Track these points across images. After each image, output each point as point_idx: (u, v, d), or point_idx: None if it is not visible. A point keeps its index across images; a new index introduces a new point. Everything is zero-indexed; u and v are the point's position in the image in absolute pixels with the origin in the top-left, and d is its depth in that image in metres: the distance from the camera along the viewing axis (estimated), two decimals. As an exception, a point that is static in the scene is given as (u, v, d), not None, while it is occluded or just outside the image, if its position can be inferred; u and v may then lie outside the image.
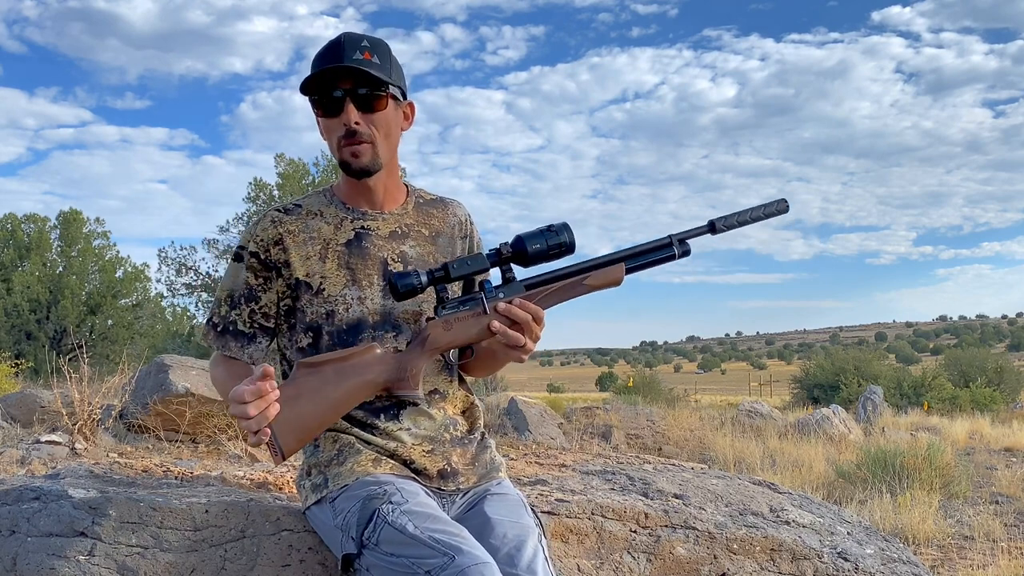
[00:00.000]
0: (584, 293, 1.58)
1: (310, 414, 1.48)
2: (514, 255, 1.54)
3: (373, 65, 1.56)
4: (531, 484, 2.27)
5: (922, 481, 6.00)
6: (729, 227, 1.62)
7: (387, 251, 1.67)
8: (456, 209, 1.79)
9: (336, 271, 1.64)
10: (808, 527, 2.16)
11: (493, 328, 1.52)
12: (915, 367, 28.19)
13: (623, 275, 1.59)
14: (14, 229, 22.91)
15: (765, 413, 12.38)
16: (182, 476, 2.33)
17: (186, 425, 5.17)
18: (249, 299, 1.65)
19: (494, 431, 8.03)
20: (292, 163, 19.47)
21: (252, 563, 1.68)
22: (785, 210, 1.65)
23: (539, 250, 1.53)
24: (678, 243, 1.60)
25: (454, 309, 1.55)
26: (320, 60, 1.58)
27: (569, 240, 1.54)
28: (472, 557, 1.35)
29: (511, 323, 1.52)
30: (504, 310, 1.52)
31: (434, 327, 1.55)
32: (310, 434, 1.51)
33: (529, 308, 1.52)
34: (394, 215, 1.70)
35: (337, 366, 1.52)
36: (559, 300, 1.58)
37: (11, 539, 1.68)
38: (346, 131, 1.58)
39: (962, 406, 16.87)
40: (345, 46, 1.56)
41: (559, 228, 1.54)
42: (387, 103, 1.61)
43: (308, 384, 1.49)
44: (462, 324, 1.54)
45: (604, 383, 40.62)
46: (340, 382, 1.51)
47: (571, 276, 1.58)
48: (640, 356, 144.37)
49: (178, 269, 20.31)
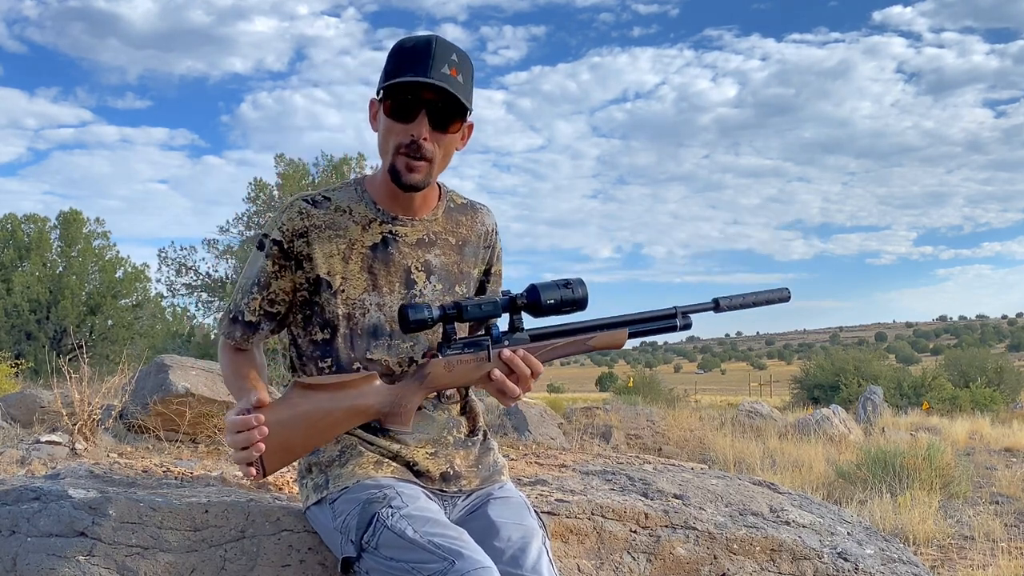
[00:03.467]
0: (585, 352, 1.62)
1: (298, 438, 1.49)
2: (527, 305, 1.54)
3: (458, 86, 1.52)
4: (531, 484, 2.27)
5: (922, 481, 6.00)
6: (732, 307, 1.67)
7: (412, 259, 1.65)
8: (484, 217, 1.77)
9: (358, 274, 1.62)
10: (808, 527, 2.16)
11: (493, 376, 1.53)
12: (915, 367, 28.19)
13: (625, 340, 1.62)
14: (14, 229, 22.91)
15: (765, 413, 12.39)
16: (182, 476, 2.33)
17: (186, 425, 5.17)
18: (262, 287, 1.63)
19: (494, 431, 8.03)
20: (292, 163, 19.47)
21: (252, 563, 1.68)
22: (787, 299, 1.73)
23: (552, 304, 1.53)
24: (681, 315, 1.63)
25: (459, 351, 1.55)
26: (408, 63, 1.52)
27: (583, 297, 1.55)
28: (472, 562, 1.35)
29: (509, 372, 1.53)
30: (508, 359, 1.53)
31: (436, 366, 1.54)
32: (294, 456, 1.52)
33: (531, 362, 1.54)
34: (424, 222, 1.68)
35: (333, 393, 1.52)
36: (560, 356, 1.59)
37: (11, 539, 1.68)
38: (411, 142, 1.55)
39: (962, 406, 16.87)
40: (436, 55, 1.51)
41: (575, 284, 1.54)
42: (460, 127, 1.59)
43: (301, 407, 1.50)
44: (464, 367, 1.54)
45: (604, 383, 40.65)
46: (333, 409, 1.51)
47: (576, 334, 1.59)
48: (640, 356, 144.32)
49: (178, 269, 20.32)
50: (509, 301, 1.54)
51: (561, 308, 1.54)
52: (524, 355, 1.53)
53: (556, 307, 1.54)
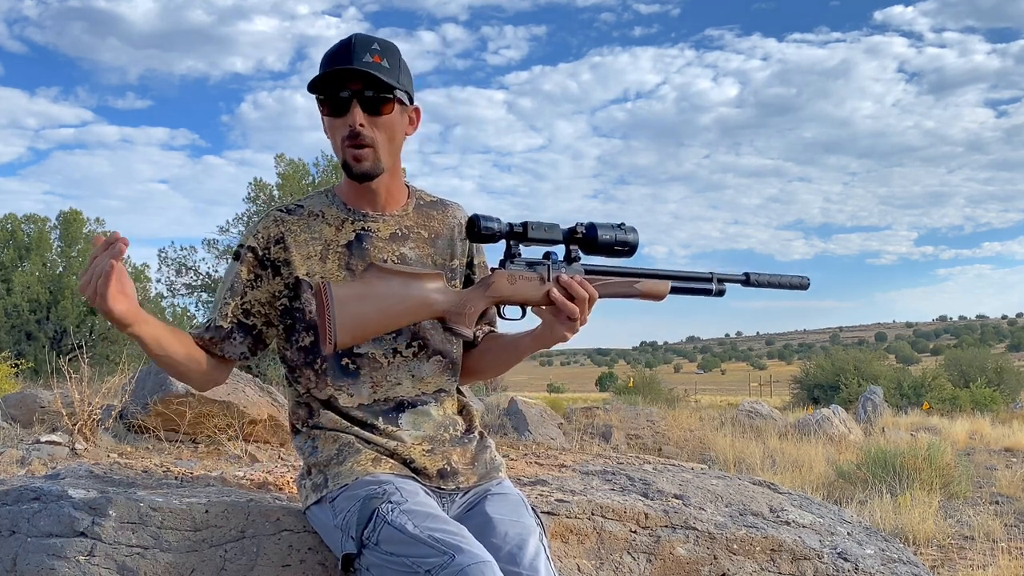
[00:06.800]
0: (630, 296, 1.66)
1: (371, 315, 1.49)
2: (584, 238, 1.59)
3: (382, 69, 1.57)
4: (531, 484, 2.27)
5: (922, 481, 5.99)
6: (759, 284, 1.77)
7: (387, 253, 1.67)
8: (456, 211, 1.80)
9: (336, 272, 1.64)
10: (808, 527, 2.16)
11: (552, 295, 1.56)
12: (915, 367, 28.18)
13: (667, 292, 1.68)
14: (14, 229, 22.90)
15: (765, 413, 12.39)
16: (182, 476, 2.33)
17: (186, 425, 5.16)
18: (235, 293, 1.64)
19: (494, 431, 8.03)
20: (292, 163, 19.47)
21: (252, 563, 1.68)
22: (806, 287, 1.83)
23: (607, 241, 1.59)
24: (717, 282, 1.72)
25: (521, 267, 1.58)
26: (330, 60, 1.59)
27: (635, 242, 1.61)
28: (472, 556, 1.36)
29: (568, 296, 1.56)
30: (566, 283, 1.57)
31: (500, 277, 1.57)
32: (366, 335, 1.52)
33: (588, 288, 1.58)
34: (395, 217, 1.71)
35: (406, 279, 1.53)
36: (609, 294, 1.63)
37: (11, 539, 1.68)
38: (350, 132, 1.59)
39: (962, 406, 16.88)
40: (355, 47, 1.57)
41: (629, 228, 1.60)
42: (393, 107, 1.61)
43: (376, 287, 1.50)
44: (525, 283, 1.57)
45: (604, 383, 40.60)
46: (406, 295, 1.52)
47: (626, 276, 1.65)
48: (640, 356, 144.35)
49: (178, 269, 20.32)
50: (569, 231, 1.59)
51: (613, 247, 1.59)
52: (581, 280, 1.58)
53: (610, 245, 1.59)
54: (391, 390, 1.66)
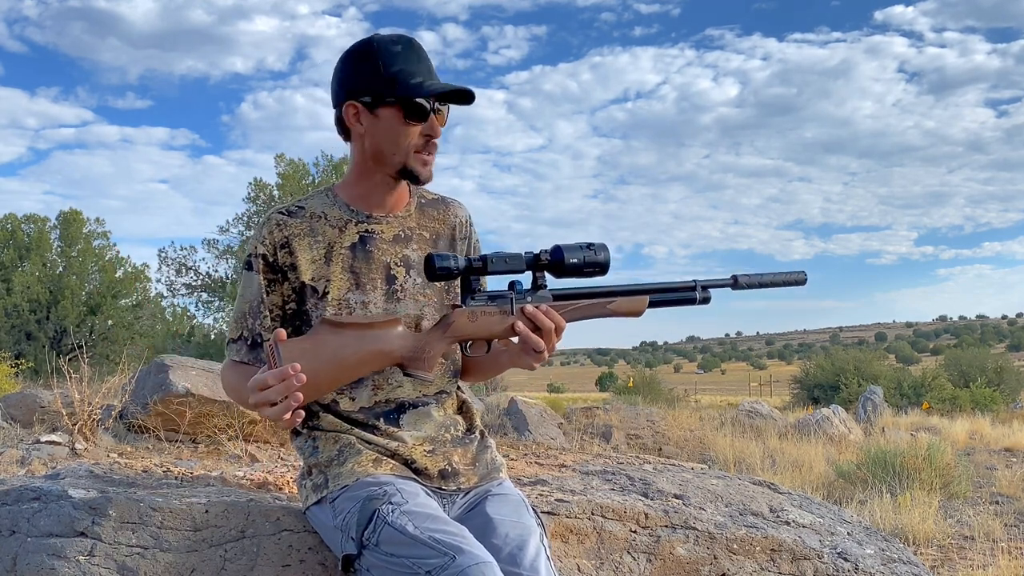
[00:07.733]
0: (604, 316, 1.61)
1: (324, 372, 1.47)
2: (550, 264, 1.54)
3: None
4: (531, 484, 2.27)
5: (922, 481, 5.99)
6: (750, 286, 1.68)
7: (390, 255, 1.67)
8: (457, 210, 1.80)
9: (340, 274, 1.64)
10: (808, 527, 2.16)
11: (517, 328, 1.53)
12: (915, 367, 28.19)
13: (645, 307, 1.62)
14: (14, 229, 22.91)
15: (765, 413, 12.39)
16: (182, 476, 2.33)
17: (186, 425, 5.16)
18: (265, 304, 1.64)
19: (494, 431, 8.03)
20: (292, 163, 19.49)
21: (252, 563, 1.68)
22: (803, 282, 1.75)
23: (575, 264, 1.53)
24: (701, 289, 1.63)
25: (482, 302, 1.56)
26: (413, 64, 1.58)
27: (605, 261, 1.55)
28: (473, 557, 1.36)
29: (534, 327, 1.53)
30: (531, 314, 1.52)
31: (460, 315, 1.55)
32: (319, 392, 1.51)
33: (554, 317, 1.53)
34: (398, 218, 1.71)
35: (359, 332, 1.52)
36: (581, 317, 1.59)
37: (11, 539, 1.68)
38: (427, 141, 1.61)
39: (962, 406, 16.87)
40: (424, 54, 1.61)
41: (598, 248, 1.54)
42: None
43: (327, 343, 1.49)
44: (487, 319, 1.55)
45: (604, 383, 40.58)
46: (359, 348, 1.51)
47: (597, 297, 1.60)
48: (640, 356, 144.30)
49: (178, 269, 20.35)
50: (533, 258, 1.55)
51: (583, 269, 1.54)
52: (547, 310, 1.54)
53: (578, 268, 1.53)
54: (392, 392, 1.66)
